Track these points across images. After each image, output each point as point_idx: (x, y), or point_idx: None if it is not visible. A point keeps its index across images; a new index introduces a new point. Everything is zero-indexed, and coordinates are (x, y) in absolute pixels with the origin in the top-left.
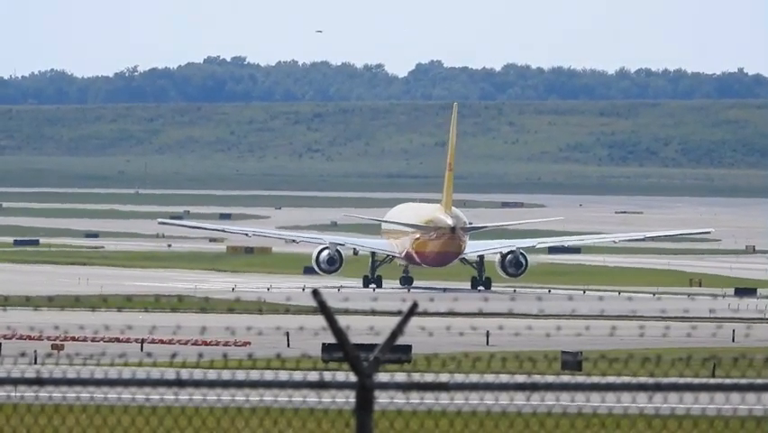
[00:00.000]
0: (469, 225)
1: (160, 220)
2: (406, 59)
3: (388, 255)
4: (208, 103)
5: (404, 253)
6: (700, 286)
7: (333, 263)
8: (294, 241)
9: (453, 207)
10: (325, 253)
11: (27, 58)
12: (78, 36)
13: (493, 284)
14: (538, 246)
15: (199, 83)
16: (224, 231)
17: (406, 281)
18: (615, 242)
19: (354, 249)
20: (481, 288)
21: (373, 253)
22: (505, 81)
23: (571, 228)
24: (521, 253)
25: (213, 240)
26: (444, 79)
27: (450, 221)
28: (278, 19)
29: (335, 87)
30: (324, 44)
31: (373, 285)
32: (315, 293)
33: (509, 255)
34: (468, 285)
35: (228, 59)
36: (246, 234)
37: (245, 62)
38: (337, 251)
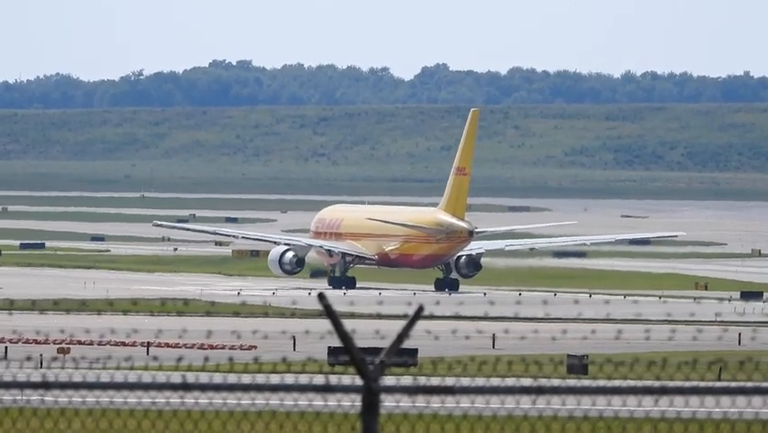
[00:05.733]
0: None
1: (155, 222)
2: (411, 62)
3: (355, 257)
4: (214, 107)
5: (378, 255)
6: (706, 289)
7: (301, 264)
8: (276, 243)
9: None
10: (291, 254)
11: (32, 62)
12: (84, 40)
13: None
14: (506, 249)
15: (205, 87)
16: (215, 233)
17: (341, 283)
18: (586, 244)
19: (330, 251)
20: (448, 290)
21: (344, 255)
22: (510, 85)
23: (574, 232)
24: (479, 256)
25: (218, 243)
26: (450, 83)
27: (466, 225)
28: (284, 22)
29: (341, 90)
30: (329, 47)
31: (344, 287)
32: (321, 297)
33: (464, 257)
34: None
35: (234, 63)
36: (235, 237)
37: (251, 66)
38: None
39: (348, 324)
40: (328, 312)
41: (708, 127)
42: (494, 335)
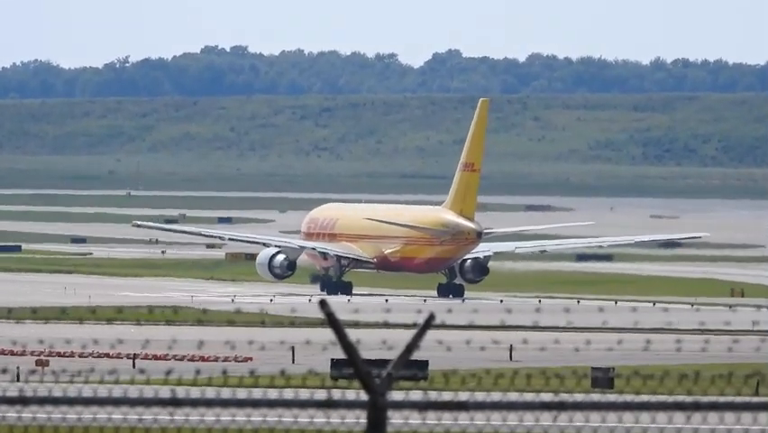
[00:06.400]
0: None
1: (134, 222)
2: (421, 48)
3: (352, 260)
4: (206, 96)
5: (377, 258)
6: (743, 296)
7: (292, 268)
8: (265, 245)
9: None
10: (281, 257)
11: (9, 48)
12: (65, 24)
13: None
14: (516, 251)
15: (196, 75)
16: (200, 234)
17: (336, 288)
18: (603, 246)
19: (324, 253)
20: (452, 295)
21: (339, 258)
22: (529, 73)
23: (592, 233)
24: (486, 259)
25: (211, 246)
26: (463, 71)
27: (473, 226)
28: (282, 5)
29: (345, 78)
30: (332, 32)
31: (339, 292)
32: (323, 304)
33: (470, 260)
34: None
35: (228, 49)
36: (221, 239)
37: (246, 52)
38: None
39: (352, 333)
40: (331, 321)
41: (744, 119)
42: (511, 345)
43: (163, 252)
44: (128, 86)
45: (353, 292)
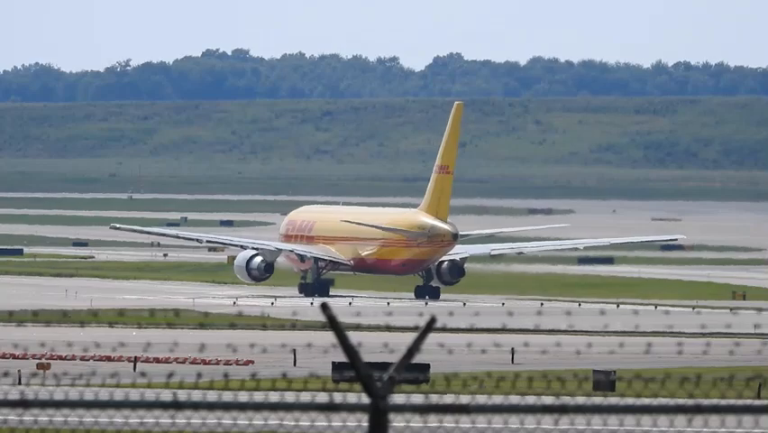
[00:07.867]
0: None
1: (112, 225)
2: (422, 51)
3: (329, 262)
4: (207, 100)
5: (354, 260)
6: (744, 299)
7: (270, 270)
8: (242, 247)
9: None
10: (258, 259)
11: (10, 51)
12: (66, 27)
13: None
14: (492, 253)
15: (197, 78)
16: (177, 237)
17: (312, 290)
18: (579, 248)
19: (301, 255)
20: (428, 297)
21: (317, 260)
22: (531, 76)
23: (600, 235)
24: (462, 261)
25: (212, 249)
26: (465, 74)
27: (449, 228)
28: (284, 8)
29: (346, 82)
30: (333, 35)
31: (316, 294)
32: (325, 307)
33: (446, 262)
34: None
35: (229, 53)
36: (199, 241)
37: (247, 55)
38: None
39: (353, 336)
40: (332, 324)
41: (746, 122)
42: (513, 348)
43: (165, 255)
44: (129, 89)
45: (330, 294)
